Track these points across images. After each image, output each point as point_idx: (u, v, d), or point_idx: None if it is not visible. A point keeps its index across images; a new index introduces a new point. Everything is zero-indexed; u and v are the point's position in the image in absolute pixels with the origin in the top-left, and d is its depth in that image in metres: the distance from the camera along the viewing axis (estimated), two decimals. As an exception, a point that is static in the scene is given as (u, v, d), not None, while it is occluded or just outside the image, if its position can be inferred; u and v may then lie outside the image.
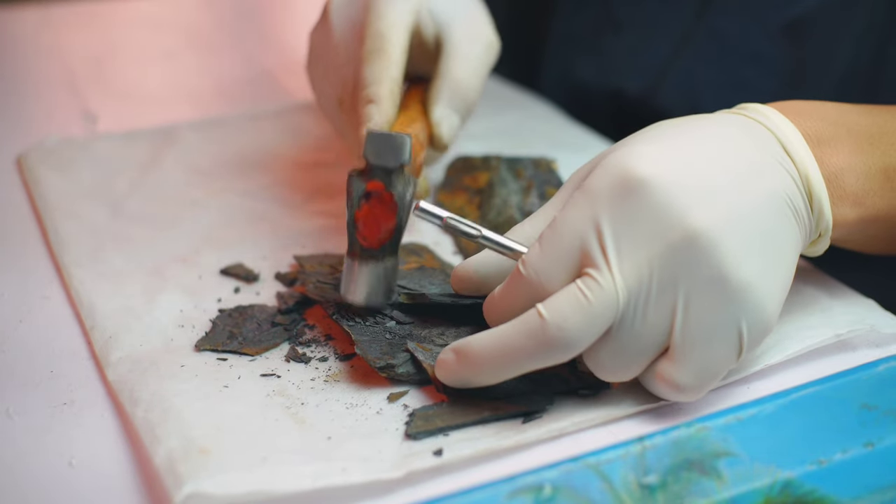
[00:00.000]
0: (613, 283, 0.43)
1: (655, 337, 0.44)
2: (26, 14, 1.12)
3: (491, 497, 0.42)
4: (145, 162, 0.74)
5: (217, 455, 0.44)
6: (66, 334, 0.54)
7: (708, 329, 0.44)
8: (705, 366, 0.44)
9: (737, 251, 0.44)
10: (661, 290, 0.43)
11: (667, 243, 0.43)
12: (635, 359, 0.45)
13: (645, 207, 0.44)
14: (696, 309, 0.43)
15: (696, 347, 0.44)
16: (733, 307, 0.43)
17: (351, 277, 0.51)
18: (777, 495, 0.44)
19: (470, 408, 0.46)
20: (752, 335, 0.44)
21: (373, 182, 0.50)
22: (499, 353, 0.44)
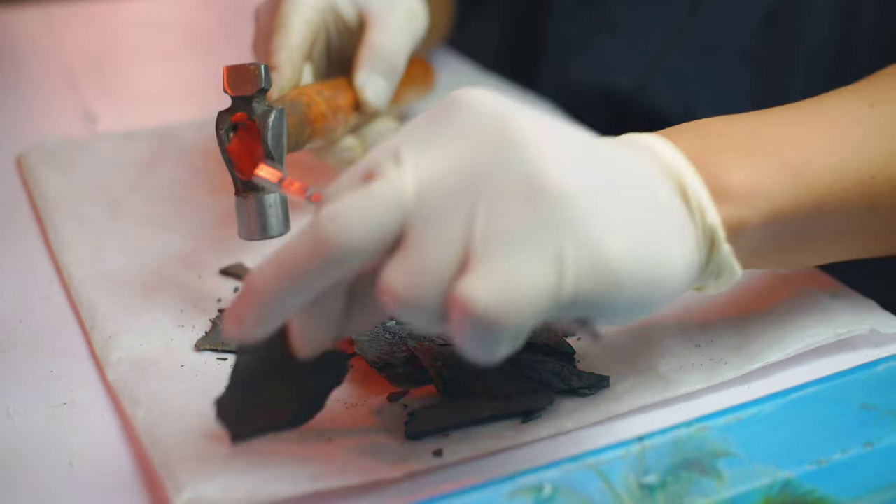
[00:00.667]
0: (400, 176, 0.37)
1: (453, 239, 0.36)
2: (26, 14, 1.12)
3: (491, 497, 0.42)
4: (145, 162, 0.74)
5: (217, 457, 0.44)
6: (66, 334, 0.54)
7: (515, 233, 0.36)
8: (508, 278, 0.35)
9: (563, 160, 0.37)
10: (462, 188, 0.37)
11: (476, 142, 0.37)
12: (432, 274, 0.36)
13: (460, 113, 0.39)
14: (502, 214, 0.36)
15: (497, 256, 0.36)
16: (550, 216, 0.36)
17: (242, 216, 0.53)
18: (777, 495, 0.44)
19: (470, 408, 0.46)
20: (580, 265, 0.36)
21: (236, 114, 0.52)
22: (276, 271, 0.38)
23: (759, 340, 0.51)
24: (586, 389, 0.48)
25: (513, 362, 0.49)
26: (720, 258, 0.43)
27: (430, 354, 0.49)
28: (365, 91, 0.62)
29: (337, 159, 0.63)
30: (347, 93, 0.62)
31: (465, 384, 0.47)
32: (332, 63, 0.66)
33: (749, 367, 0.49)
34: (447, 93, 0.41)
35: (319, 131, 0.58)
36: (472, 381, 0.47)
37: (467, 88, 0.40)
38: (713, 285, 0.44)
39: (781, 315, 0.53)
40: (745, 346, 0.51)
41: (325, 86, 0.61)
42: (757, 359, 0.49)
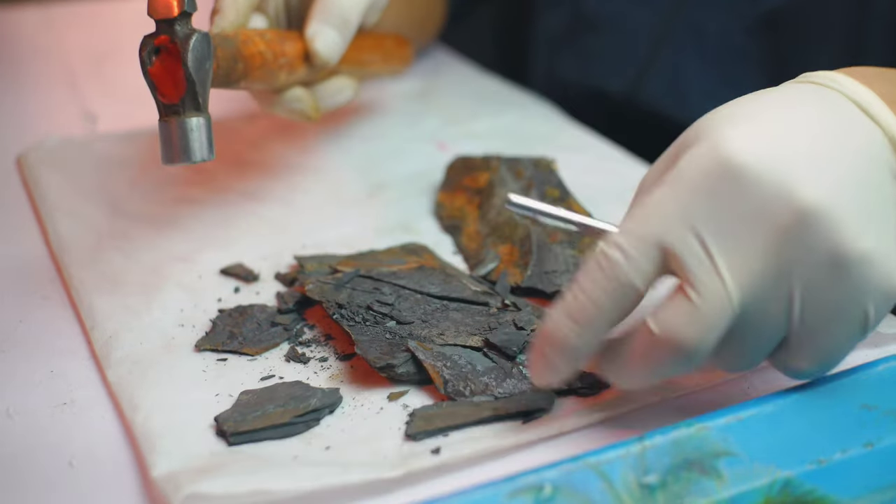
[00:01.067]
0: (723, 285, 0.40)
1: (776, 328, 0.42)
2: (26, 14, 1.12)
3: (491, 497, 0.42)
4: (145, 162, 0.74)
5: (217, 457, 0.44)
6: (66, 334, 0.54)
7: (830, 312, 0.41)
8: (828, 348, 0.42)
9: (852, 222, 0.40)
10: (776, 281, 0.41)
11: (776, 228, 0.40)
12: (758, 353, 0.43)
13: (746, 194, 0.40)
14: (816, 292, 0.41)
15: (817, 334, 0.42)
16: (857, 283, 0.40)
17: (165, 140, 0.53)
18: (777, 495, 0.44)
19: (470, 408, 0.46)
20: (879, 308, 0.41)
21: (159, 37, 0.52)
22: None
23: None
24: (586, 389, 0.48)
25: (513, 362, 0.49)
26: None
27: (431, 354, 0.49)
28: (315, 41, 0.61)
29: (285, 110, 0.63)
30: (297, 42, 0.61)
31: (464, 384, 0.47)
32: (291, 22, 0.65)
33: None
34: (448, 92, 0.41)
35: (255, 69, 0.57)
36: (472, 381, 0.47)
37: (729, 144, 0.41)
38: None
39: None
40: (745, 346, 0.51)
41: (272, 32, 0.60)
42: (757, 359, 0.49)
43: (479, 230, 0.63)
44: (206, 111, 0.52)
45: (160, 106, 0.53)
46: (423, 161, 0.75)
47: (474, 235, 0.63)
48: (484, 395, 0.47)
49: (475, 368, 0.48)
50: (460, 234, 0.64)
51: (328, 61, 0.62)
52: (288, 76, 0.61)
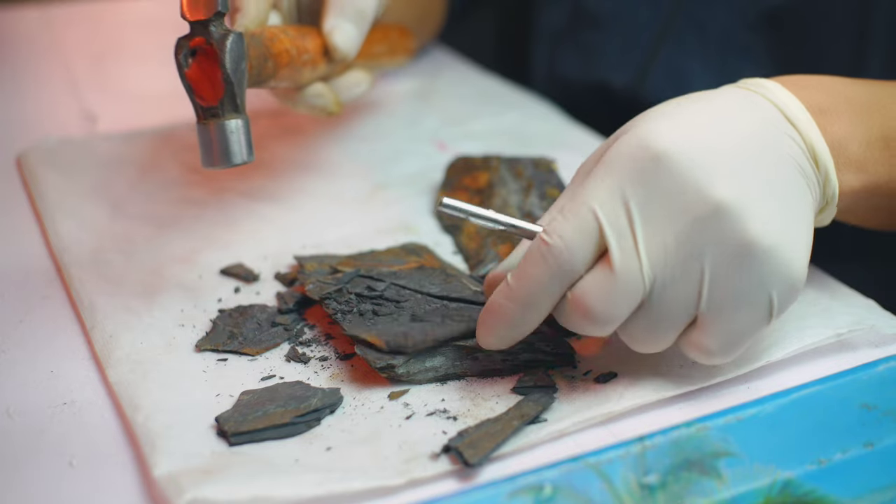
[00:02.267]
0: (639, 262, 0.44)
1: (684, 308, 0.45)
2: (26, 14, 1.12)
3: (491, 497, 0.42)
4: (145, 162, 0.74)
5: (219, 461, 0.44)
6: (66, 334, 0.54)
7: (736, 296, 0.44)
8: (735, 331, 0.45)
9: (761, 218, 0.44)
10: (686, 264, 0.44)
11: (692, 217, 0.44)
12: (666, 331, 0.45)
13: (668, 182, 0.44)
14: (723, 278, 0.44)
15: (723, 315, 0.44)
16: (761, 272, 0.44)
17: (205, 143, 0.52)
18: (777, 495, 0.44)
19: (501, 423, 0.45)
20: (782, 298, 0.45)
21: (194, 39, 0.51)
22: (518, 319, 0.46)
23: (760, 340, 0.51)
24: (551, 358, 0.50)
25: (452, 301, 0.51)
26: (823, 216, 0.51)
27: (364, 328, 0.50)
28: (333, 36, 0.61)
29: (307, 106, 0.63)
30: (316, 38, 0.61)
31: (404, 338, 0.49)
32: (302, 17, 0.65)
33: (749, 366, 0.49)
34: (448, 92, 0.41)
35: (283, 67, 0.57)
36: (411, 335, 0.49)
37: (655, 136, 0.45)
38: None
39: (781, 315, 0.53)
40: (745, 346, 0.51)
41: (293, 28, 0.60)
42: (757, 358, 0.49)
43: (479, 230, 0.63)
44: (244, 112, 0.52)
45: (198, 109, 0.52)
46: (423, 161, 0.75)
47: (474, 235, 0.63)
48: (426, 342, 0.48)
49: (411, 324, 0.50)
50: (460, 234, 0.64)
51: (347, 55, 0.62)
52: (311, 72, 0.61)
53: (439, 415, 0.47)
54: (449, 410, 0.47)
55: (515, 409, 0.46)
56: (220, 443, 0.45)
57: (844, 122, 0.50)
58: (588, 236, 0.44)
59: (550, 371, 0.50)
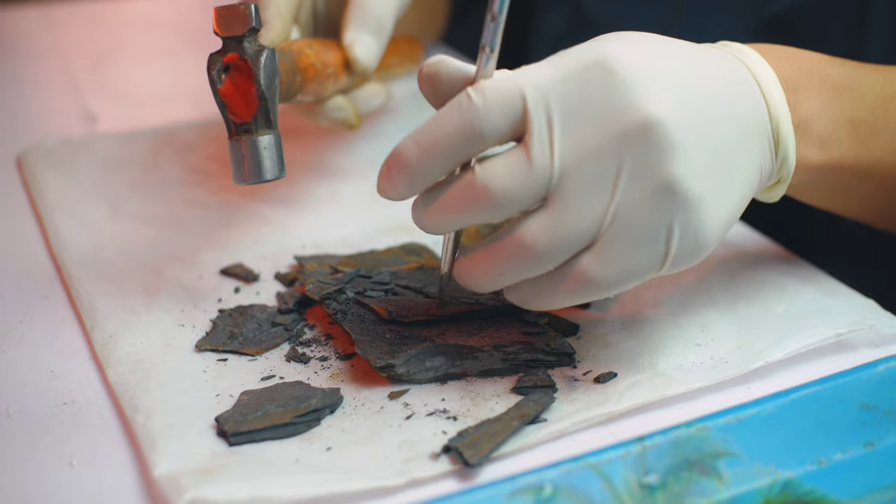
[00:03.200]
0: (551, 158, 0.43)
1: (586, 223, 0.43)
2: (26, 14, 1.12)
3: (491, 497, 0.42)
4: (145, 162, 0.74)
5: (219, 461, 0.44)
6: (66, 334, 0.54)
7: (638, 230, 0.43)
8: (625, 268, 0.43)
9: (691, 156, 0.43)
10: (601, 178, 0.43)
11: (619, 129, 0.42)
12: (562, 241, 0.43)
13: (604, 88, 0.43)
14: (632, 207, 0.43)
15: (621, 246, 0.43)
16: (671, 211, 0.43)
17: (237, 159, 0.52)
18: (777, 495, 0.44)
19: (501, 423, 0.45)
20: (682, 248, 0.43)
21: (228, 55, 0.51)
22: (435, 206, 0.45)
23: (760, 340, 0.51)
24: (551, 358, 0.49)
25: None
26: (775, 191, 0.50)
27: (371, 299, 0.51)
28: (354, 49, 0.61)
29: (329, 119, 0.63)
30: (336, 51, 0.61)
31: (406, 311, 0.50)
32: (318, 30, 0.65)
33: (749, 366, 0.49)
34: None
35: (310, 82, 0.57)
36: (412, 308, 0.50)
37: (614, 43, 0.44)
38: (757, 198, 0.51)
39: (781, 315, 0.53)
40: (745, 345, 0.51)
41: (315, 41, 0.60)
42: (757, 358, 0.49)
43: (479, 230, 0.63)
44: (276, 128, 0.52)
45: (230, 124, 0.52)
46: (423, 161, 0.75)
47: (474, 235, 0.63)
48: (427, 314, 0.50)
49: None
50: (460, 234, 0.64)
51: (368, 68, 0.62)
52: (333, 86, 0.61)
53: (439, 415, 0.47)
54: (449, 410, 0.47)
55: (515, 409, 0.46)
56: (220, 443, 0.45)
57: (815, 101, 0.49)
58: (509, 112, 0.43)
59: (550, 371, 0.50)
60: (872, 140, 0.52)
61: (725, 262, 0.59)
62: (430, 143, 0.44)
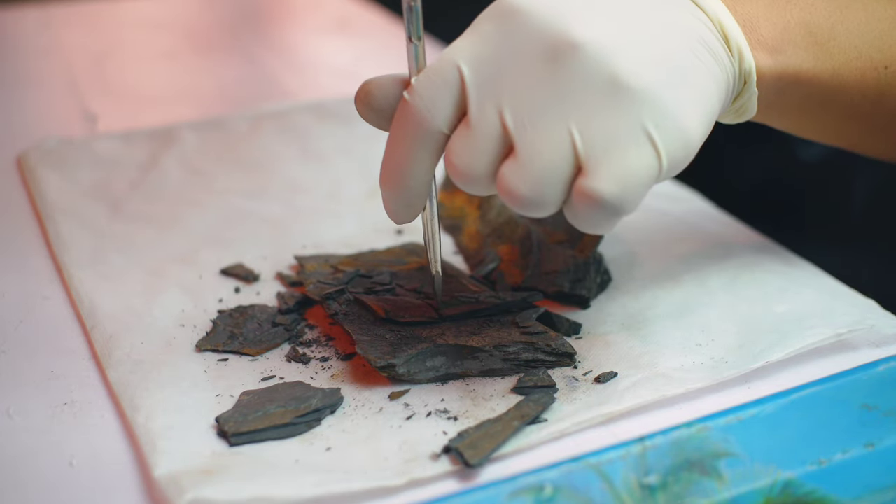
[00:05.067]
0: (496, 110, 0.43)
1: (559, 154, 0.42)
2: (26, 14, 1.12)
3: (491, 497, 0.42)
4: (145, 162, 0.74)
5: (219, 462, 0.44)
6: (66, 334, 0.54)
7: (615, 137, 0.42)
8: (623, 168, 0.42)
9: (632, 58, 0.42)
10: (552, 108, 0.42)
11: (551, 59, 0.42)
12: (544, 179, 0.42)
13: (526, 30, 0.43)
14: (596, 120, 0.42)
15: (608, 155, 0.42)
16: (633, 110, 0.42)
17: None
18: (777, 495, 0.44)
19: (501, 424, 0.45)
20: (667, 141, 0.42)
21: None
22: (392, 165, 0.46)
23: (760, 340, 0.51)
24: (551, 358, 0.49)
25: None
26: (745, 100, 0.49)
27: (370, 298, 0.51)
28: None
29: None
30: None
31: (402, 312, 0.50)
32: None
33: (750, 366, 0.49)
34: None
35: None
36: (409, 309, 0.50)
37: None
38: (728, 119, 0.51)
39: (781, 315, 0.53)
40: (745, 345, 0.51)
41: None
42: (758, 358, 0.49)
43: (480, 230, 0.63)
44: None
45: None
46: (423, 161, 0.75)
47: (474, 235, 0.63)
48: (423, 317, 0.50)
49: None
50: (460, 234, 0.64)
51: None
52: None
53: (439, 415, 0.47)
54: (449, 410, 0.47)
55: (515, 410, 0.46)
56: (220, 443, 0.45)
57: (757, 5, 0.48)
58: (449, 92, 0.43)
59: (550, 371, 0.50)
60: (832, 46, 0.50)
61: (725, 262, 0.59)
62: (397, 169, 0.45)
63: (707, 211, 0.66)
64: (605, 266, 0.57)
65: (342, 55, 1.01)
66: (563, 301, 0.56)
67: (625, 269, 0.59)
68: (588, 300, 0.55)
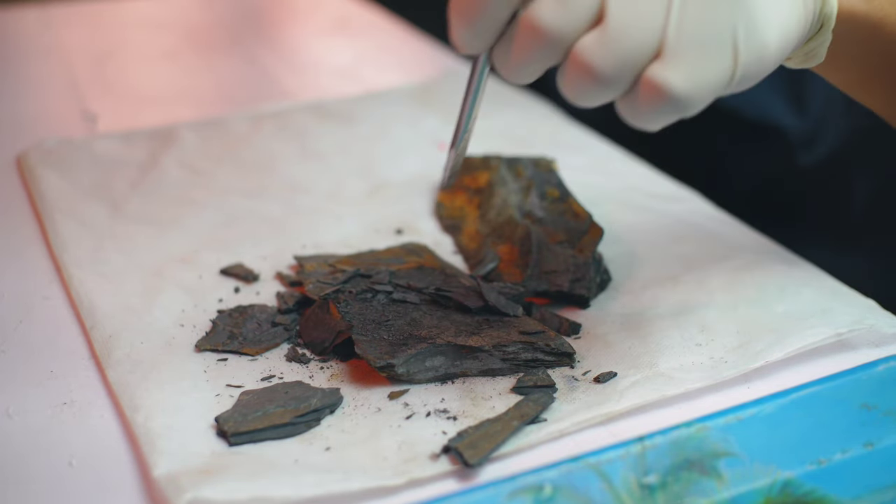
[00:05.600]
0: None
1: (647, 30, 0.41)
2: (26, 14, 1.12)
3: (491, 497, 0.42)
4: (145, 162, 0.74)
5: (218, 461, 0.44)
6: (66, 334, 0.54)
7: (703, 27, 0.41)
8: (699, 70, 0.41)
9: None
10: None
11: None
12: (626, 55, 0.41)
13: None
14: (694, 10, 0.41)
15: (690, 47, 0.41)
16: (731, 17, 0.41)
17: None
18: (777, 495, 0.44)
19: (500, 423, 0.45)
20: (748, 48, 0.42)
21: None
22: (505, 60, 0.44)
23: (760, 340, 0.51)
24: (551, 358, 0.49)
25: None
26: (817, 44, 0.49)
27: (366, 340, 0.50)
28: None
29: None
30: None
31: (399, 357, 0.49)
32: None
33: (749, 365, 0.49)
34: (448, 92, 0.41)
35: None
36: (403, 350, 0.49)
37: None
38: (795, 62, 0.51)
39: (781, 315, 0.53)
40: (745, 345, 0.51)
41: None
42: (757, 358, 0.49)
43: (479, 230, 0.63)
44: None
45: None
46: (423, 161, 0.75)
47: (474, 235, 0.63)
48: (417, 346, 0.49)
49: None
50: (460, 234, 0.64)
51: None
52: None
53: (439, 415, 0.47)
54: (449, 410, 0.47)
55: (515, 409, 0.46)
56: (219, 443, 0.45)
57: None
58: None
59: (550, 371, 0.50)
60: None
61: (725, 262, 0.59)
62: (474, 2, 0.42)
63: (707, 211, 0.66)
64: (605, 266, 0.57)
65: (342, 55, 1.01)
66: (563, 301, 0.56)
67: (625, 269, 0.59)
68: (588, 300, 0.55)
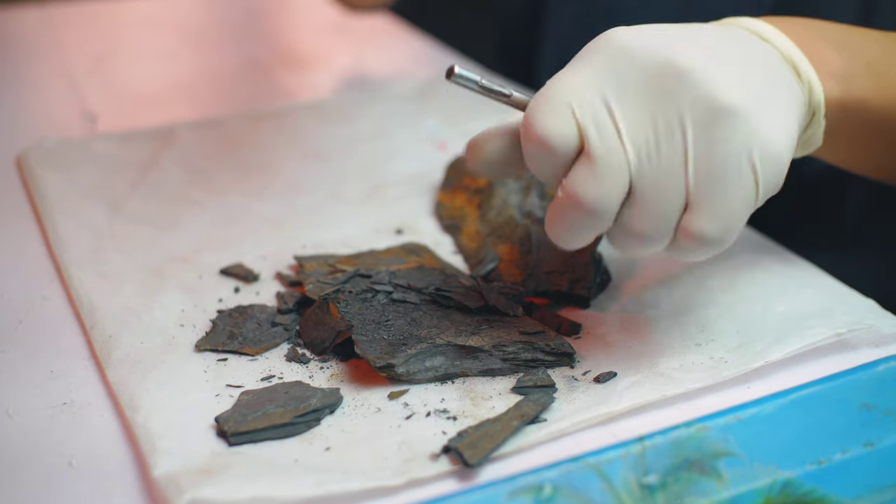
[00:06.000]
0: (619, 142, 0.44)
1: (675, 188, 0.44)
2: (26, 14, 1.12)
3: (491, 497, 0.42)
4: (145, 162, 0.74)
5: (218, 461, 0.44)
6: (66, 334, 0.54)
7: (720, 166, 0.43)
8: (727, 208, 0.44)
9: (729, 77, 0.44)
10: (668, 137, 0.44)
11: (661, 89, 0.44)
12: (662, 217, 0.45)
13: (637, 65, 0.44)
14: (704, 147, 0.44)
15: (713, 191, 0.44)
16: (737, 134, 0.43)
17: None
18: (777, 495, 0.44)
19: (500, 423, 0.45)
20: (765, 166, 0.44)
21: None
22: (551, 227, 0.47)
23: (759, 340, 0.51)
24: (551, 358, 0.49)
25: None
26: (813, 131, 0.51)
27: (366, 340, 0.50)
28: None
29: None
30: None
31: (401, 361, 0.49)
32: None
33: (749, 365, 0.49)
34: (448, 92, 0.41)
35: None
36: (403, 351, 0.49)
37: (619, 31, 0.46)
38: (798, 152, 0.53)
39: (781, 315, 0.53)
40: (745, 345, 0.51)
41: None
42: (757, 358, 0.49)
43: (479, 230, 0.63)
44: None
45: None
46: (423, 161, 0.75)
47: (474, 235, 0.63)
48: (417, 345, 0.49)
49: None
50: (460, 234, 0.64)
51: None
52: None
53: (439, 415, 0.47)
54: (449, 410, 0.47)
55: (515, 409, 0.46)
56: (219, 443, 0.45)
57: (822, 42, 0.51)
58: (567, 129, 0.44)
59: (550, 371, 0.50)
60: (892, 74, 0.53)
61: (725, 262, 0.59)
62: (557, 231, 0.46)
63: (707, 211, 0.66)
64: (605, 266, 0.57)
65: (342, 55, 1.01)
66: (563, 301, 0.56)
67: (625, 269, 0.59)
68: (588, 300, 0.55)
